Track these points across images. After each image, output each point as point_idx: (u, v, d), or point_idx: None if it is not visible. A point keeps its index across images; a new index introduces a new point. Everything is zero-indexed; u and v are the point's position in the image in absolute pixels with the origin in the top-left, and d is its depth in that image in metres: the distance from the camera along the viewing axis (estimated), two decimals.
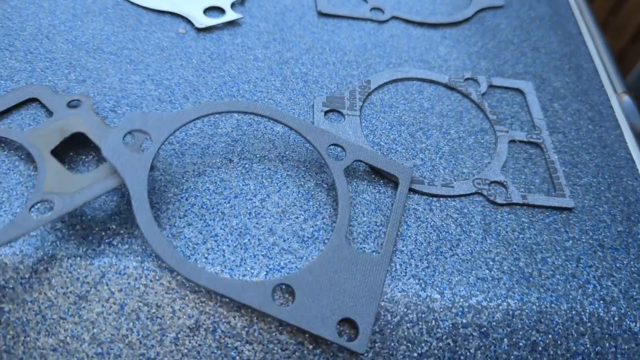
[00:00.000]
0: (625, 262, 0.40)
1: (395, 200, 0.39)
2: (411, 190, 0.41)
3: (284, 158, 0.41)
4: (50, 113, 0.40)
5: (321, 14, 0.53)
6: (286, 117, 0.40)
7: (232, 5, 0.52)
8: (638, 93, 0.60)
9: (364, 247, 0.37)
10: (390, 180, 0.41)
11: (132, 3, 0.51)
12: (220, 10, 0.51)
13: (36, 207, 0.35)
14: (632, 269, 0.39)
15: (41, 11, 0.48)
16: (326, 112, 0.44)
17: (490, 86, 0.51)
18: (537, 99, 0.51)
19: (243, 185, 0.39)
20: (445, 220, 0.40)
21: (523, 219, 0.41)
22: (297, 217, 0.38)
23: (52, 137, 0.37)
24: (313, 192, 0.40)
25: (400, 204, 0.39)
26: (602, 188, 0.44)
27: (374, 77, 0.48)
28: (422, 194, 0.41)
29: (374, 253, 0.37)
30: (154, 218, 0.35)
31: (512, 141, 0.47)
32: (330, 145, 0.40)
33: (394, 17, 0.55)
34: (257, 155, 0.41)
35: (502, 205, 0.42)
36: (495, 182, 0.43)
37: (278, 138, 0.42)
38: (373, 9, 0.55)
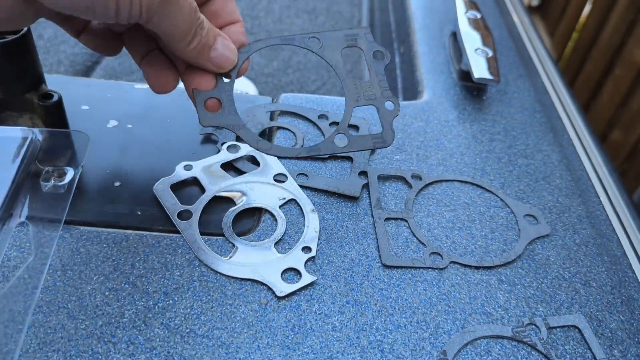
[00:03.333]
0: None
1: None
2: None
3: None
4: None
5: (386, 266, 0.58)
6: None
7: (305, 264, 0.56)
8: None
9: None
10: None
11: (216, 272, 0.55)
12: (295, 272, 0.56)
13: None
14: None
15: (137, 292, 0.53)
16: None
17: (549, 328, 0.54)
18: (597, 341, 0.54)
19: None
20: None
21: None
22: None
23: None
24: None
25: None
26: None
27: (448, 345, 0.51)
28: None
29: None
30: None
31: None
32: None
33: (452, 262, 0.59)
34: None
35: None
36: None
37: None
38: (432, 253, 0.59)
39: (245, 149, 0.68)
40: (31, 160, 0.49)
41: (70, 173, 0.49)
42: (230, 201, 0.63)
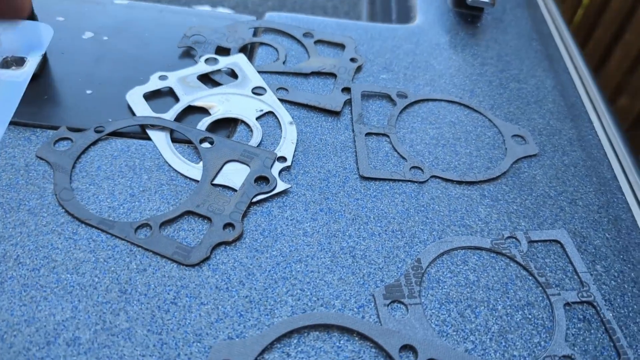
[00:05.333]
0: None
1: None
2: None
3: (340, 349, 0.43)
4: None
5: (363, 178, 0.56)
6: (357, 324, 0.43)
7: (280, 173, 0.54)
8: None
9: None
10: None
11: (186, 177, 0.53)
12: (267, 181, 0.53)
13: None
14: None
15: (101, 192, 0.51)
16: (388, 304, 0.45)
17: (530, 242, 0.52)
18: (579, 256, 0.52)
19: None
20: None
21: None
22: None
23: None
24: None
25: None
26: None
27: (423, 254, 0.49)
28: None
29: None
30: None
31: (567, 304, 0.48)
32: (401, 347, 0.42)
33: (433, 176, 0.57)
34: (314, 348, 0.42)
35: None
36: (565, 356, 0.44)
37: (332, 327, 0.44)
38: (413, 167, 0.57)
39: (223, 62, 0.65)
40: None
41: (29, 62, 0.46)
42: (205, 111, 0.60)
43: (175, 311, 0.44)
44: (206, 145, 0.55)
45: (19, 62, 0.47)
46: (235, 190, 0.52)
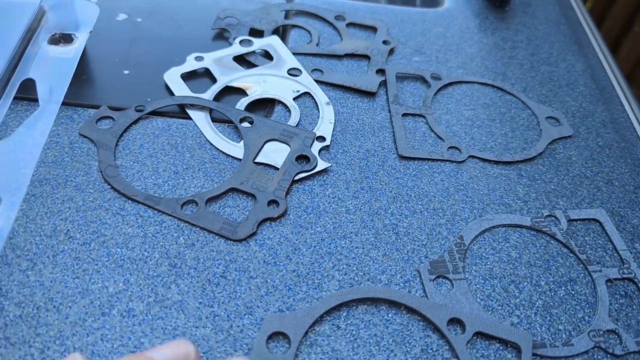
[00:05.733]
0: None
1: None
2: (534, 355, 0.42)
3: (389, 322, 0.43)
4: None
5: (402, 157, 0.56)
6: (405, 297, 0.43)
7: (319, 152, 0.55)
8: None
9: None
10: (510, 345, 0.43)
11: (227, 155, 0.54)
12: (308, 160, 0.54)
13: None
14: None
15: (145, 170, 0.51)
16: (434, 279, 0.46)
17: (569, 220, 0.53)
18: (618, 234, 0.52)
19: (354, 355, 0.41)
20: None
21: None
22: None
23: None
24: None
25: None
26: None
27: (465, 231, 0.50)
28: (544, 357, 0.42)
29: None
30: None
31: (609, 280, 0.48)
32: (449, 320, 0.42)
33: (470, 156, 0.57)
34: (363, 320, 0.43)
35: (621, 356, 0.43)
36: (609, 331, 0.44)
37: (380, 301, 0.44)
38: (450, 147, 0.57)
39: (258, 44, 0.65)
40: (37, 24, 0.46)
41: (78, 38, 0.46)
42: (242, 92, 0.61)
43: (226, 284, 0.44)
44: (246, 124, 0.56)
45: (67, 39, 0.47)
46: (277, 169, 0.53)
